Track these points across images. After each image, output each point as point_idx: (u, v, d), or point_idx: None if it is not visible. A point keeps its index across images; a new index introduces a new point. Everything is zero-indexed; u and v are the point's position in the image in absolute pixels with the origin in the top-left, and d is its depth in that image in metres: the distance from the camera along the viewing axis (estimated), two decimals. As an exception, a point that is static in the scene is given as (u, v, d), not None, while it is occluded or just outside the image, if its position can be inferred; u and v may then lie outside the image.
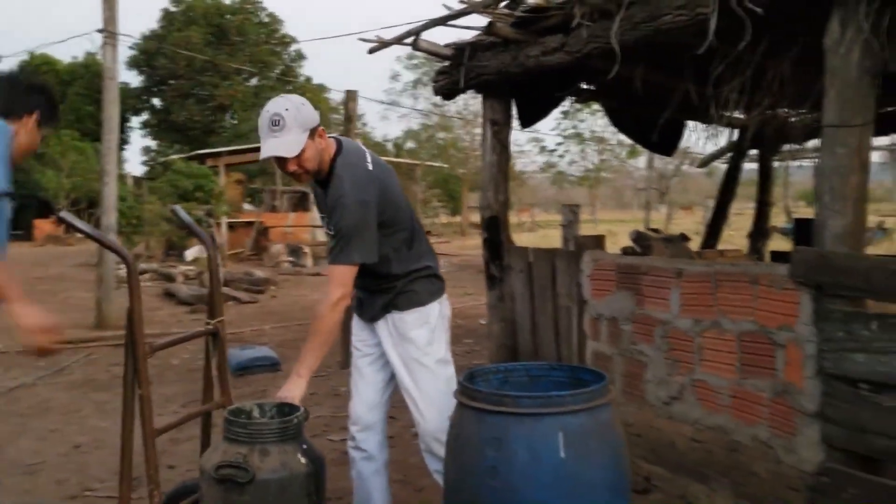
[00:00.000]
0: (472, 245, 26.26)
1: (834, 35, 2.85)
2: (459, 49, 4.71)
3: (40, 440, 5.00)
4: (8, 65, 34.19)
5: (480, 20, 4.39)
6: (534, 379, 2.62)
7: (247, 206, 27.68)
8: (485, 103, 4.92)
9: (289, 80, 38.66)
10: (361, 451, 3.14)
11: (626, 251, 4.31)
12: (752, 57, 3.34)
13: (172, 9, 35.03)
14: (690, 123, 6.12)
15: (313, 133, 2.79)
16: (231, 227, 20.14)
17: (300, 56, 39.44)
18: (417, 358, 3.02)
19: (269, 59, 37.20)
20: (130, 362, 2.33)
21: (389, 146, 41.32)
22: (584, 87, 5.46)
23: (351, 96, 6.79)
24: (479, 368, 2.60)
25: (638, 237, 4.52)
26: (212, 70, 33.81)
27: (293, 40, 39.24)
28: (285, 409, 2.67)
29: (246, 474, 2.32)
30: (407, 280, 3.04)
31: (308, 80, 39.21)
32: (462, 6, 4.30)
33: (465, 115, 37.18)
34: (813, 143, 6.20)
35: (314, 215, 25.57)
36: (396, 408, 5.47)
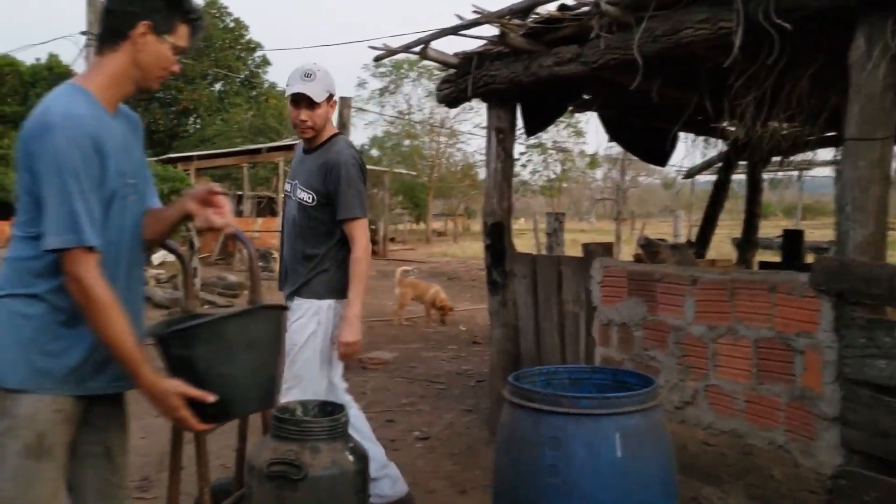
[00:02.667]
0: (438, 252, 26.34)
1: (859, 51, 2.95)
2: (467, 58, 4.76)
3: None
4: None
5: (488, 30, 4.45)
6: (575, 381, 2.67)
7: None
8: (490, 112, 4.98)
9: (253, 86, 38.44)
10: None
11: (639, 259, 4.39)
12: (770, 71, 3.44)
13: (138, 11, 34.57)
14: (682, 134, 6.26)
15: (329, 98, 3.39)
16: (198, 231, 19.92)
17: (265, 62, 39.26)
18: (299, 343, 3.31)
19: (234, 64, 36.93)
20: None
21: (354, 153, 41.16)
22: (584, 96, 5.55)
23: (345, 103, 6.81)
24: (523, 371, 2.64)
25: (647, 244, 4.63)
26: (176, 74, 33.45)
27: (258, 46, 39.02)
28: (328, 407, 2.68)
29: (299, 471, 2.33)
30: (317, 271, 3.38)
31: (273, 85, 38.99)
32: (475, 16, 4.34)
33: (431, 124, 37.35)
34: (801, 156, 6.39)
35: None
36: (396, 412, 5.56)
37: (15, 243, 1.99)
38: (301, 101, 3.31)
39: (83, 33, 8.65)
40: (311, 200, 3.38)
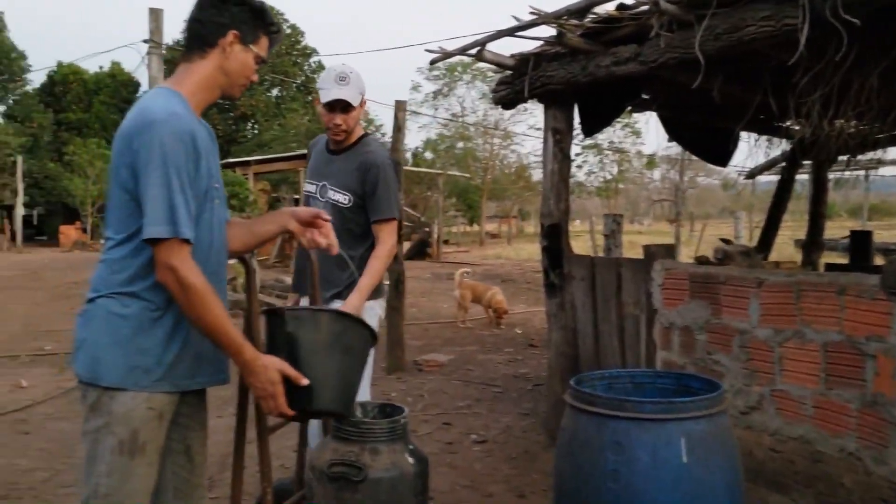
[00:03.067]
0: (492, 255, 26.28)
1: (933, 46, 2.86)
2: (524, 59, 4.73)
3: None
4: (38, 75, 34.62)
5: (544, 31, 4.42)
6: (638, 386, 2.63)
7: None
8: (547, 112, 4.94)
9: (310, 91, 38.93)
10: None
11: (701, 261, 4.31)
12: (837, 68, 3.34)
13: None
14: (743, 134, 6.13)
15: (361, 101, 3.34)
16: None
17: (321, 67, 39.72)
18: None
19: (291, 70, 37.49)
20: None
21: (408, 156, 41.49)
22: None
23: (400, 106, 6.85)
24: (584, 375, 2.61)
25: (723, 256, 4.49)
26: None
27: (314, 52, 39.55)
28: (387, 409, 2.69)
29: (359, 472, 2.35)
30: (357, 274, 3.24)
31: (328, 90, 39.40)
32: (532, 17, 4.32)
33: (485, 126, 37.31)
34: (868, 155, 6.20)
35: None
36: (452, 415, 5.56)
37: (109, 245, 2.03)
38: (336, 105, 3.27)
39: (145, 41, 8.87)
40: (347, 202, 3.33)
